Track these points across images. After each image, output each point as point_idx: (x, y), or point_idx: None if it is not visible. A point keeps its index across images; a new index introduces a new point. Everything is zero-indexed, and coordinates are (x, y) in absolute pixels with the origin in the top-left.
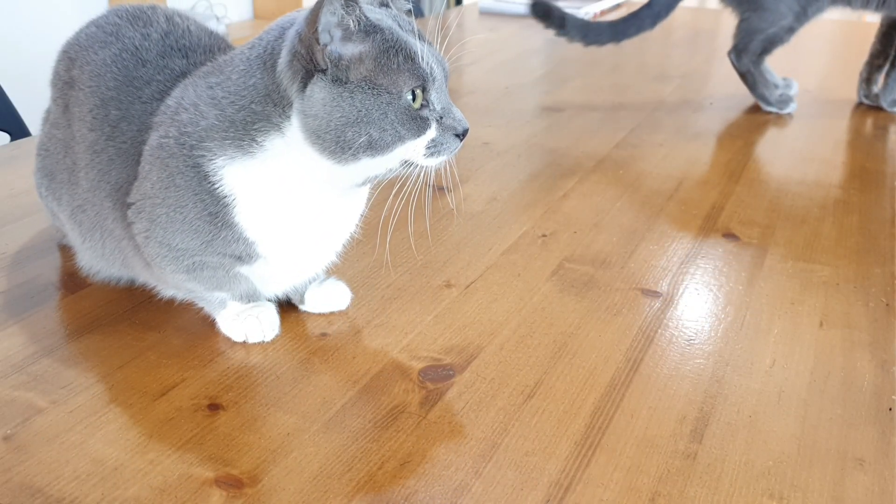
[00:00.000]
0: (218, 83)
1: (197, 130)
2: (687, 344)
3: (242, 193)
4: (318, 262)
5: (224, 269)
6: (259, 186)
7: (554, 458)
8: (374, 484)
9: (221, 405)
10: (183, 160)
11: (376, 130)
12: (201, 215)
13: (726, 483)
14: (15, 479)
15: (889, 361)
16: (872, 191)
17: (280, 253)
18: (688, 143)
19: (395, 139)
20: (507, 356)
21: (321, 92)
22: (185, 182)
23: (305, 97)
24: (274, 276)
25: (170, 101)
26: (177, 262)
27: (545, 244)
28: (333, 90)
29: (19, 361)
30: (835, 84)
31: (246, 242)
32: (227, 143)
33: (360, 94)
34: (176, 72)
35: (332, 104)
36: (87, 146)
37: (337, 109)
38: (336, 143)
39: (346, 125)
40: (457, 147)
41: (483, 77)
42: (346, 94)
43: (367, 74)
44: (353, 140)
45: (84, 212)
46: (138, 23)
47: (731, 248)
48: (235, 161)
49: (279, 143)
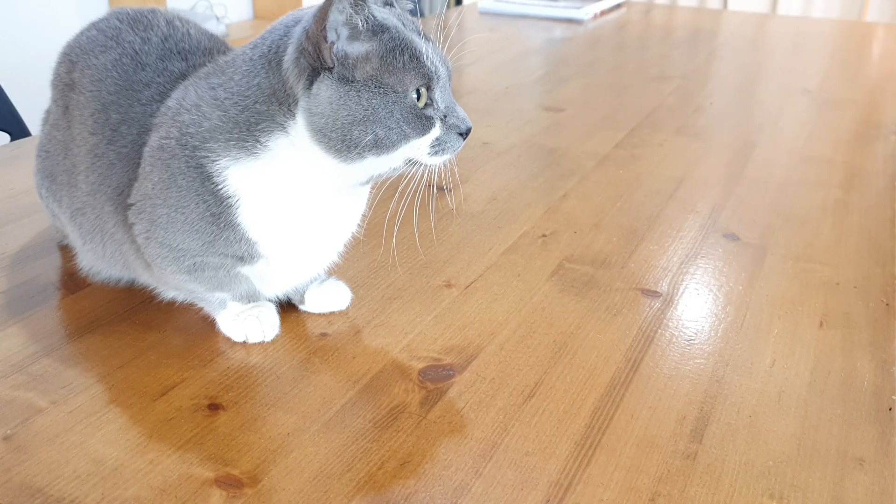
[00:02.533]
0: (220, 84)
1: (200, 131)
2: (687, 344)
3: (246, 194)
4: (320, 262)
5: (225, 269)
6: (263, 187)
7: (554, 458)
8: (374, 484)
9: (221, 405)
10: (185, 161)
11: (382, 129)
12: (203, 216)
13: (726, 483)
14: (15, 479)
15: (889, 361)
16: (872, 191)
17: (282, 253)
18: (688, 143)
19: (401, 138)
20: (507, 356)
21: (327, 90)
22: (187, 183)
23: (312, 95)
24: (275, 277)
25: (170, 102)
26: (177, 263)
27: (545, 244)
28: (340, 88)
29: (19, 361)
30: (835, 84)
31: (248, 243)
32: (232, 143)
33: (367, 93)
34: (176, 74)
35: (339, 102)
36: (88, 150)
37: (343, 108)
38: (342, 141)
39: (353, 123)
40: (460, 146)
41: (483, 77)
42: (353, 92)
43: (373, 73)
44: (359, 139)
45: (84, 215)
46: (139, 27)
47: (731, 248)
48: (240, 162)
49: (284, 142)
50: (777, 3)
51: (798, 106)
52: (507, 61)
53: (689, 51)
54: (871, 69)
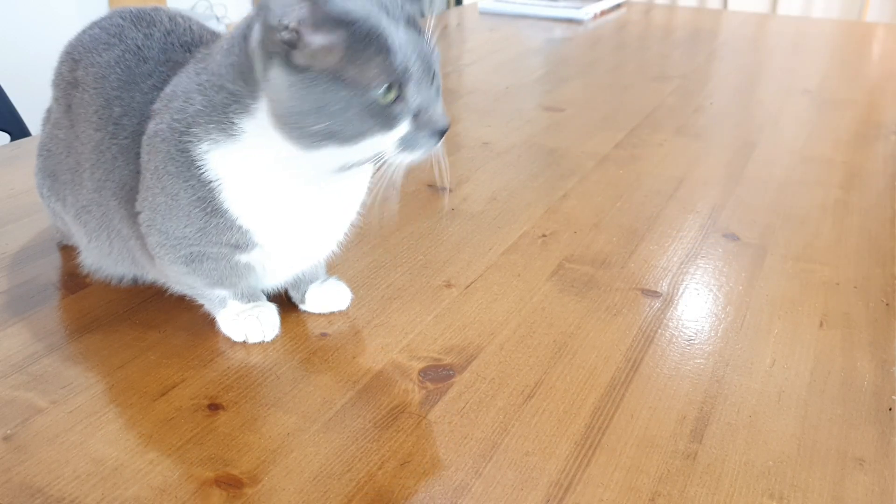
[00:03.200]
0: (204, 68)
1: (185, 117)
2: (687, 344)
3: (227, 178)
4: (318, 249)
5: (224, 259)
6: (241, 170)
7: (554, 458)
8: (374, 484)
9: (221, 405)
10: (174, 145)
11: (337, 123)
12: (191, 201)
13: (726, 483)
14: (15, 479)
15: (889, 361)
16: (872, 191)
17: (276, 240)
18: (688, 143)
19: (359, 133)
20: (507, 356)
21: (282, 76)
22: (176, 169)
23: (270, 79)
24: (274, 266)
25: (167, 89)
26: (174, 251)
27: (545, 244)
28: (294, 76)
29: (19, 361)
30: (835, 84)
31: (240, 230)
32: (211, 126)
33: (323, 85)
34: (179, 64)
35: (292, 90)
36: (93, 146)
37: (296, 96)
38: (298, 129)
39: (306, 113)
40: (432, 145)
41: (483, 77)
42: (308, 81)
43: (333, 65)
44: (313, 129)
45: (89, 212)
46: (141, 24)
47: (731, 248)
48: (219, 145)
49: (252, 125)
50: (777, 3)
51: (798, 106)
52: (507, 61)
53: (689, 51)
54: (871, 69)
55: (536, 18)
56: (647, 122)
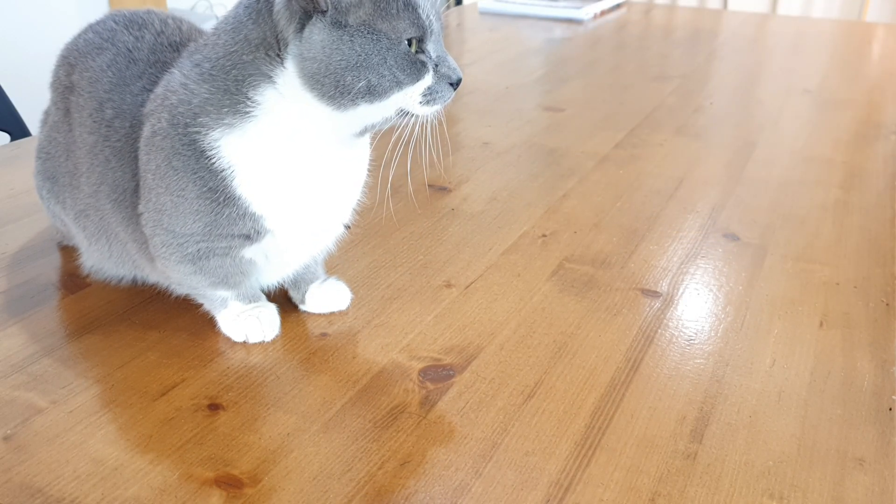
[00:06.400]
0: (204, 58)
1: (189, 109)
2: (687, 344)
3: (241, 162)
4: (327, 230)
5: (231, 254)
6: (257, 150)
7: (554, 458)
8: (374, 484)
9: (221, 405)
10: (178, 140)
11: (375, 76)
12: (201, 193)
13: (726, 483)
14: (15, 479)
15: (889, 361)
16: (872, 191)
17: (287, 222)
18: (688, 143)
19: (393, 84)
20: (507, 356)
21: (320, 34)
22: (182, 163)
23: (303, 39)
24: (284, 253)
25: (157, 90)
26: (181, 250)
27: (545, 244)
28: (333, 33)
29: (19, 361)
30: (835, 84)
31: (252, 218)
32: (224, 110)
33: (360, 38)
34: (168, 64)
35: (332, 47)
36: (88, 149)
37: (336, 52)
38: (335, 87)
39: (346, 69)
40: (450, 96)
41: (483, 77)
42: (346, 37)
43: (366, 19)
44: (352, 84)
45: (88, 217)
46: (133, 27)
47: (731, 248)
48: (233, 129)
49: (272, 95)
50: (777, 3)
51: (798, 106)
52: (507, 61)
53: (689, 51)
54: (871, 69)
55: (536, 18)
56: (647, 122)
